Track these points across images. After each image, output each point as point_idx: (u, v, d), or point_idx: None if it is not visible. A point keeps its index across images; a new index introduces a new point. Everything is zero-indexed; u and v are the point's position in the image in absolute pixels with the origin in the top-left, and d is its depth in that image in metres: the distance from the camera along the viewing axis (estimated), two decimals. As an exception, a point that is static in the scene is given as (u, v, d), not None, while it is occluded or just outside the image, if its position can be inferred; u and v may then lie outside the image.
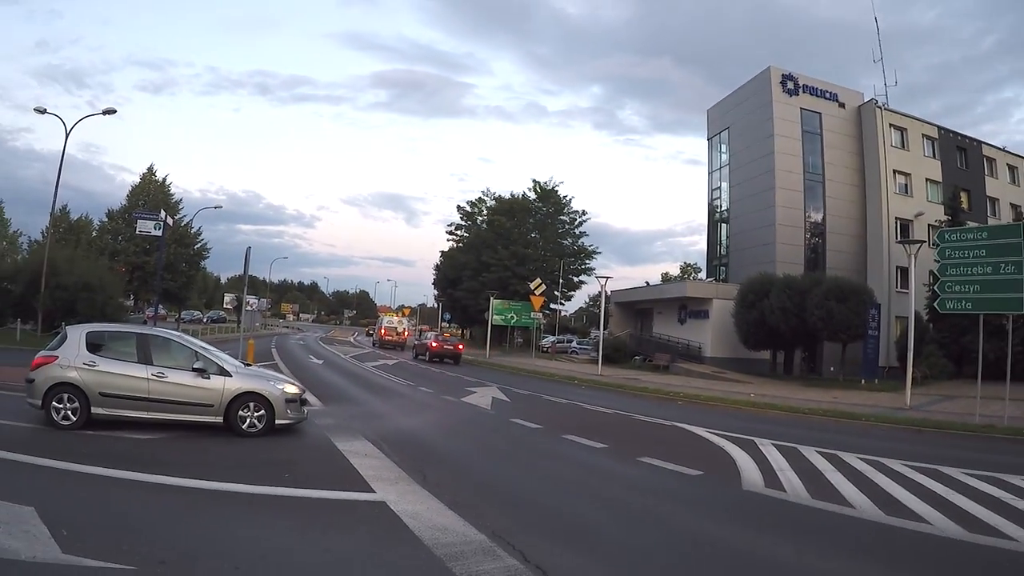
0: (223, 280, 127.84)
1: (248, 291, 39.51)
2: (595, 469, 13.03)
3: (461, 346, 48.10)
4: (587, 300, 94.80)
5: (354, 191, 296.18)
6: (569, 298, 79.28)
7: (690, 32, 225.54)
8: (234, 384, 14.39)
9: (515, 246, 69.14)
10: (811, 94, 59.21)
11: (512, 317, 59.66)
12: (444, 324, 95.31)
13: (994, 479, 12.76)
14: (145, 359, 14.22)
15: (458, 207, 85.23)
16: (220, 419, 14.16)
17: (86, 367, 13.54)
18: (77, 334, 14.29)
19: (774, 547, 8.51)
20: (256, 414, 14.29)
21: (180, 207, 75.11)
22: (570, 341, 73.34)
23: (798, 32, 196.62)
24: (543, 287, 52.66)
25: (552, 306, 69.55)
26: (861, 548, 8.67)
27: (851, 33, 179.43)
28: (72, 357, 13.62)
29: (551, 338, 70.72)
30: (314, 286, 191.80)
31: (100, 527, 7.29)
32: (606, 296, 53.21)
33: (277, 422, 14.37)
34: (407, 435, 15.46)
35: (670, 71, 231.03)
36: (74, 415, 13.31)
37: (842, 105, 60.28)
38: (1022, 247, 26.20)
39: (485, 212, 77.36)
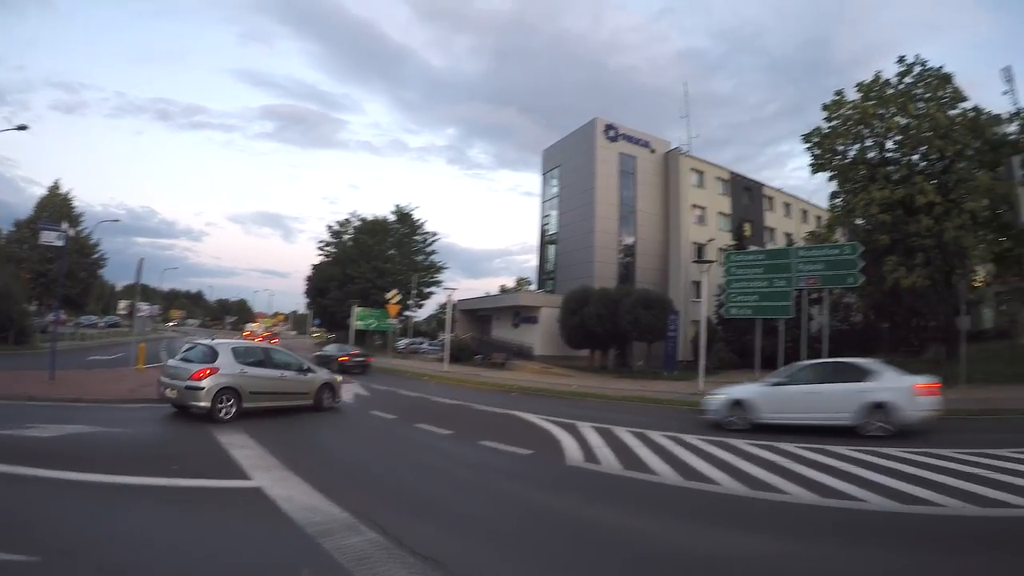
0: (118, 288, 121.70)
1: (140, 298, 37.81)
2: (443, 452, 13.33)
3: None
4: (437, 307, 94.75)
5: (239, 209, 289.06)
6: (421, 306, 79.35)
7: (534, 87, 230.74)
8: (319, 378, 18.91)
9: (376, 261, 68.97)
10: (628, 141, 61.70)
11: (372, 323, 59.63)
12: (314, 328, 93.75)
13: (770, 447, 13.68)
14: (272, 364, 17.58)
15: (328, 226, 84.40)
16: (311, 402, 18.27)
17: (240, 374, 16.08)
18: (226, 349, 16.54)
19: (593, 510, 9.03)
20: (329, 396, 18.97)
21: (82, 220, 71.68)
22: (421, 343, 72.92)
23: (622, 92, 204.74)
24: (399, 297, 52.15)
25: (406, 313, 69.18)
26: (663, 507, 9.28)
27: (665, 95, 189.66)
28: (229, 367, 15.90)
29: (405, 340, 70.39)
30: (200, 294, 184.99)
31: (2, 522, 7.02)
32: (452, 304, 53.51)
33: (336, 402, 19.41)
34: (280, 428, 15.24)
35: (515, 118, 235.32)
36: (233, 409, 15.66)
37: (653, 151, 63.13)
38: (790, 266, 27.84)
39: (351, 231, 76.24)
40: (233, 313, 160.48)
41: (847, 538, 7.48)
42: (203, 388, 15.14)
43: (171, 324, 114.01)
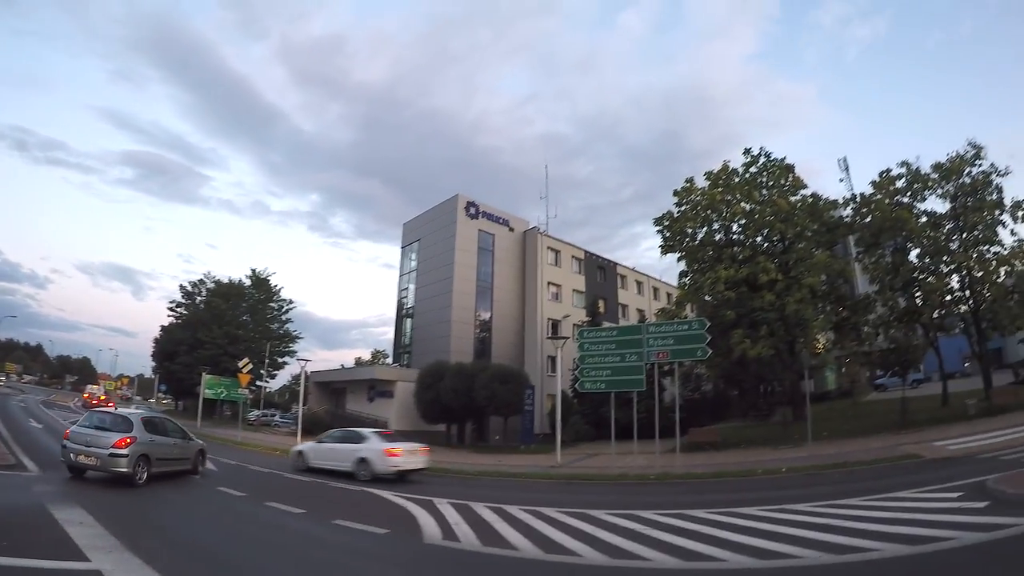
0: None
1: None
2: (294, 532, 12.42)
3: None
4: (290, 378, 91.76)
5: (89, 259, 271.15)
6: (274, 376, 76.94)
7: (400, 160, 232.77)
8: (196, 444, 21.29)
9: (228, 327, 66.39)
10: (488, 219, 62.57)
11: (222, 391, 56.04)
12: (160, 395, 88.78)
13: (630, 515, 13.63)
14: (167, 433, 19.45)
15: (181, 286, 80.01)
16: (191, 466, 20.50)
17: (150, 442, 17.72)
18: (137, 419, 17.99)
19: None
20: (201, 461, 21.35)
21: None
22: (273, 415, 70.11)
23: (486, 170, 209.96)
24: (250, 366, 50.31)
25: (259, 383, 66.80)
26: None
27: (526, 176, 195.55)
28: (142, 436, 17.41)
29: (257, 412, 67.44)
30: (39, 348, 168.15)
31: None
32: (306, 375, 51.76)
33: (203, 467, 21.52)
34: (121, 503, 13.99)
35: (378, 189, 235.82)
36: (145, 474, 17.02)
37: (512, 229, 64.31)
38: (642, 341, 28.45)
39: (205, 293, 73.26)
40: (74, 372, 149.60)
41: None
42: (127, 455, 16.37)
43: (1, 379, 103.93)
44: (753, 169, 36.89)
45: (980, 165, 34.16)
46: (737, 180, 36.70)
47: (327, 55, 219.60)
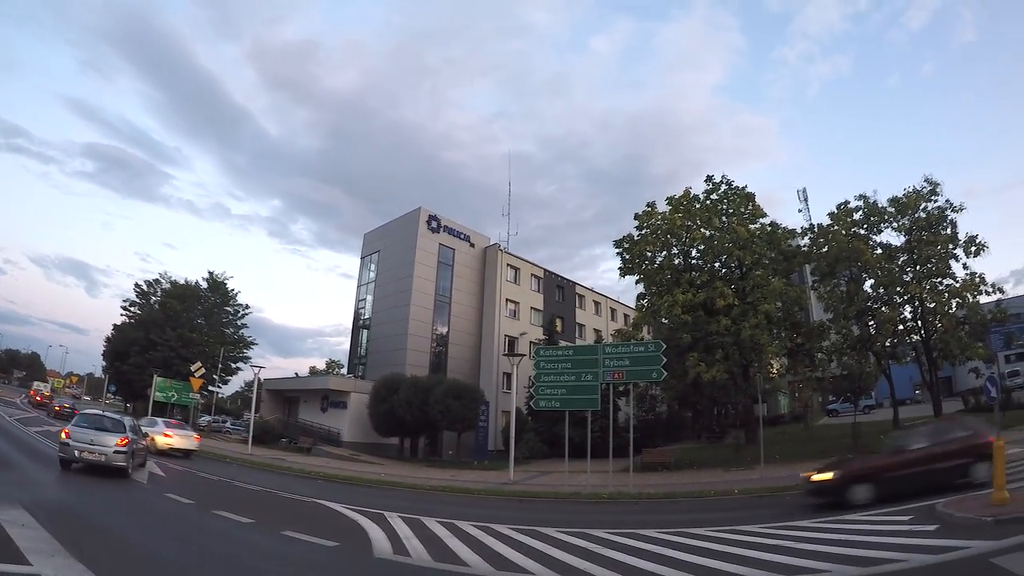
0: None
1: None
2: (242, 542, 12.13)
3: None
4: (243, 385, 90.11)
5: (43, 251, 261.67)
6: (227, 382, 75.07)
7: (364, 170, 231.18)
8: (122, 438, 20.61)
9: (182, 329, 64.43)
10: (450, 233, 62.53)
11: (173, 395, 54.56)
12: (109, 396, 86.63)
13: (582, 534, 13.54)
14: (142, 433, 23.25)
15: (136, 285, 77.24)
16: (143, 462, 22.96)
17: (135, 440, 21.20)
18: (127, 422, 21.50)
19: None
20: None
21: None
22: (224, 421, 68.89)
23: (450, 185, 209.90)
24: (203, 370, 49.42)
25: (210, 388, 65.48)
26: None
27: (489, 192, 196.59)
28: (132, 436, 20.86)
29: (208, 417, 65.80)
30: None
31: None
32: (259, 383, 50.96)
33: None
34: (66, 506, 13.61)
35: (341, 198, 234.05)
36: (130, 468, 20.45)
37: (472, 245, 64.42)
38: (598, 361, 28.45)
39: (160, 293, 71.32)
40: (23, 367, 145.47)
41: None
42: (127, 452, 19.81)
43: None
44: (714, 196, 37.28)
45: (936, 201, 34.92)
46: (698, 206, 37.02)
47: (299, 60, 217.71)
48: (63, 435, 19.75)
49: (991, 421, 15.76)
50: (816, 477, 16.89)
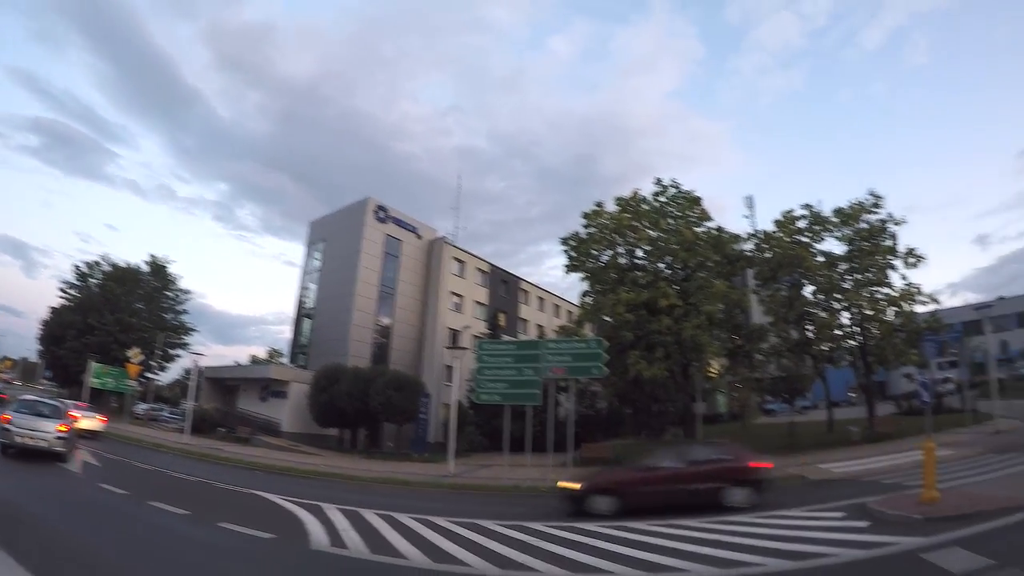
0: None
1: None
2: (177, 535, 11.97)
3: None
4: (182, 372, 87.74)
5: None
6: (165, 369, 73.08)
7: (314, 157, 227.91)
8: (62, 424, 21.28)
9: (121, 314, 62.26)
10: (397, 224, 62.10)
11: (109, 382, 52.69)
12: (44, 381, 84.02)
13: (521, 527, 13.68)
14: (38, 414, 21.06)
15: (76, 266, 73.85)
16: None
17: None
18: (63, 408, 22.44)
19: None
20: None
21: None
22: (162, 410, 67.26)
23: (399, 176, 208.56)
24: (141, 356, 48.31)
25: (148, 375, 64.00)
26: None
27: (439, 186, 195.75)
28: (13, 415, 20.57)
29: (145, 405, 64.41)
30: None
31: None
32: (199, 370, 50.02)
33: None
34: (-2, 497, 13.12)
35: (289, 185, 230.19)
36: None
37: (420, 237, 64.08)
38: (539, 356, 28.53)
39: (100, 276, 68.84)
40: None
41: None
42: (67, 438, 20.62)
43: None
44: (662, 199, 37.72)
45: (878, 213, 35.79)
46: (646, 207, 37.39)
47: (254, 43, 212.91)
48: (3, 420, 20.24)
49: (925, 423, 16.21)
50: (563, 485, 17.72)
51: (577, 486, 17.07)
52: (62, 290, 69.93)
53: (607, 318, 36.91)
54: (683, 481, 16.14)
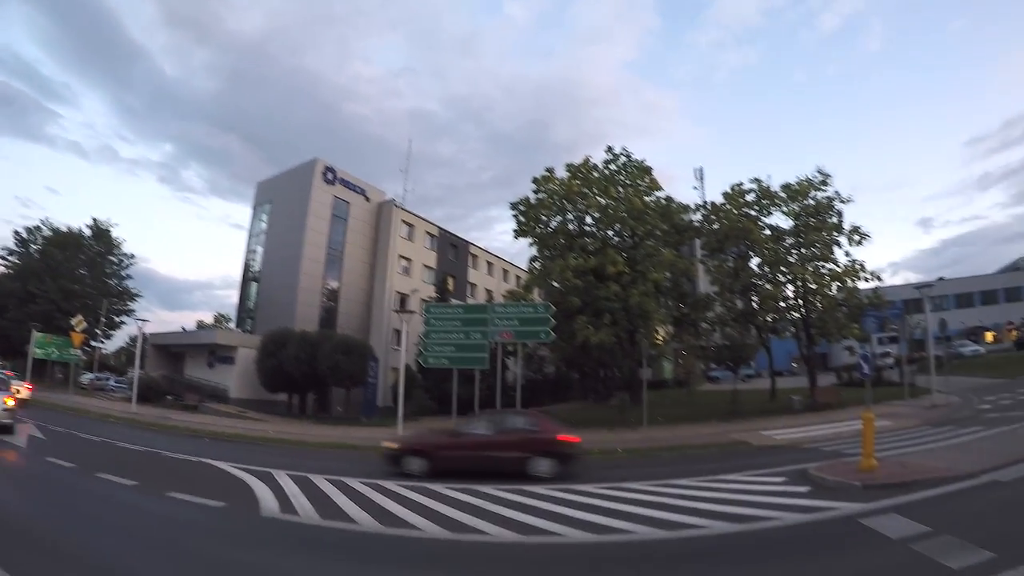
0: None
1: None
2: (126, 506, 11.94)
3: None
4: (128, 340, 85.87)
5: None
6: (110, 337, 71.68)
7: (262, 117, 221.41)
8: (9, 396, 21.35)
9: (63, 280, 60.77)
10: (345, 186, 61.35)
11: (54, 351, 50.96)
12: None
13: (471, 491, 13.90)
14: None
15: (16, 232, 73.16)
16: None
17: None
18: (5, 380, 22.22)
19: (290, 564, 8.43)
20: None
21: None
22: (108, 379, 65.80)
23: (349, 138, 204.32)
24: (85, 324, 47.12)
25: (93, 343, 62.62)
26: (366, 555, 8.95)
27: (389, 148, 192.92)
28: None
29: (90, 375, 62.46)
30: None
31: None
32: (144, 337, 49.07)
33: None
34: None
35: (236, 145, 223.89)
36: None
37: (368, 199, 63.41)
38: (487, 320, 28.71)
39: (41, 242, 66.58)
40: None
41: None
42: (12, 409, 20.48)
43: None
44: (613, 167, 38.11)
45: (825, 191, 36.72)
46: (596, 175, 37.71)
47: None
48: None
49: (865, 395, 16.64)
50: (386, 444, 18.45)
51: (395, 446, 17.74)
52: (2, 257, 67.66)
53: (555, 283, 37.22)
54: (491, 448, 16.70)
